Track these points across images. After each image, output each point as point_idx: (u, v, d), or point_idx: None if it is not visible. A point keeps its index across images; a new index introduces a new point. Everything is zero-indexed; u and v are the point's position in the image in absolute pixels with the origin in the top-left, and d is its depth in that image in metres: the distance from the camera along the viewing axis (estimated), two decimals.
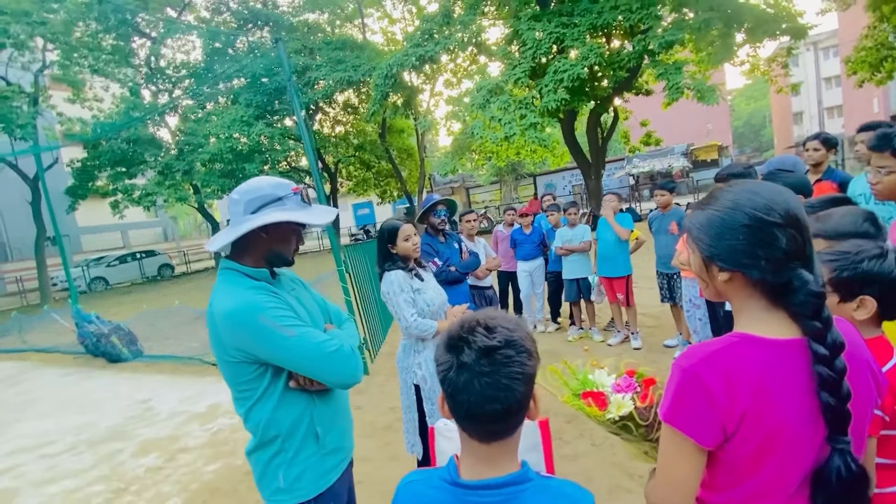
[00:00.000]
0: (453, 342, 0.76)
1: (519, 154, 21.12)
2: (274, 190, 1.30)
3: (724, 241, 0.82)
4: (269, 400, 1.28)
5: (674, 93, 10.98)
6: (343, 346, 1.28)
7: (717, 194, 0.88)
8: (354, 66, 17.34)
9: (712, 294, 0.91)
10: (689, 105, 15.66)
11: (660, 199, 4.18)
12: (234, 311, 1.20)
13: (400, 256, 2.39)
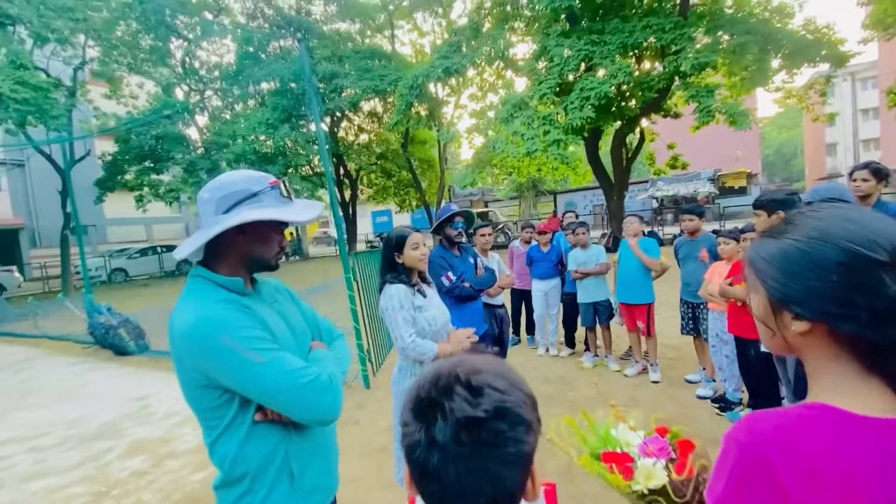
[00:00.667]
0: (423, 405, 0.56)
1: (540, 171, 20.92)
2: (248, 185, 1.12)
3: (807, 280, 0.62)
4: (236, 432, 1.09)
5: (704, 116, 10.69)
6: (320, 377, 1.08)
7: (796, 220, 0.67)
8: (381, 75, 17.50)
9: (778, 346, 0.70)
10: (718, 130, 15.28)
11: (688, 224, 3.91)
12: (193, 328, 1.03)
13: (405, 267, 2.21)
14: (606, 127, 14.13)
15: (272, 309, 1.21)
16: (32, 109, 11.89)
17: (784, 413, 0.64)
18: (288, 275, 15.83)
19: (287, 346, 1.15)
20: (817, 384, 0.67)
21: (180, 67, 19.73)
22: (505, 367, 0.61)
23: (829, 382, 0.65)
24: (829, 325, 0.62)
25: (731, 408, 3.45)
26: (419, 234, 2.25)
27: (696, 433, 3.09)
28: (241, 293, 1.15)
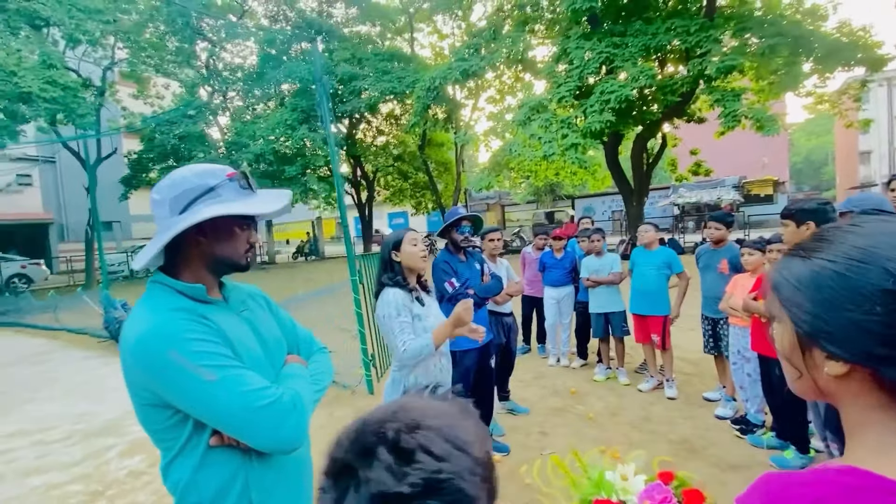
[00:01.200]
0: (337, 469, 0.45)
1: (558, 175, 20.62)
2: (203, 179, 1.02)
3: (844, 312, 0.49)
4: (190, 456, 0.98)
5: (730, 121, 10.33)
6: (281, 399, 0.96)
7: (831, 235, 0.54)
8: (399, 77, 17.52)
9: (807, 390, 0.56)
10: (744, 136, 14.78)
11: (714, 233, 3.68)
12: (139, 341, 0.93)
13: (403, 267, 2.11)
14: (627, 131, 13.82)
15: (240, 318, 1.11)
16: (61, 108, 12.25)
17: (811, 478, 0.50)
18: (300, 275, 15.96)
19: (253, 360, 1.04)
20: (856, 442, 0.53)
21: (204, 69, 20.14)
22: (458, 420, 0.48)
23: (873, 441, 0.51)
24: (872, 369, 0.48)
25: (752, 430, 3.23)
26: (416, 232, 2.18)
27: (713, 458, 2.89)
28: (203, 301, 1.04)
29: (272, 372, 1.10)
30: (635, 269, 4.21)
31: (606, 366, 4.62)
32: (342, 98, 18.38)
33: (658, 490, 0.81)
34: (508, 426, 3.63)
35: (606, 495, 0.83)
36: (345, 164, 23.62)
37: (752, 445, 3.10)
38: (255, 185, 1.09)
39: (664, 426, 3.47)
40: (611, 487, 0.83)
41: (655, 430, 3.41)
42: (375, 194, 23.82)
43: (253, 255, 1.15)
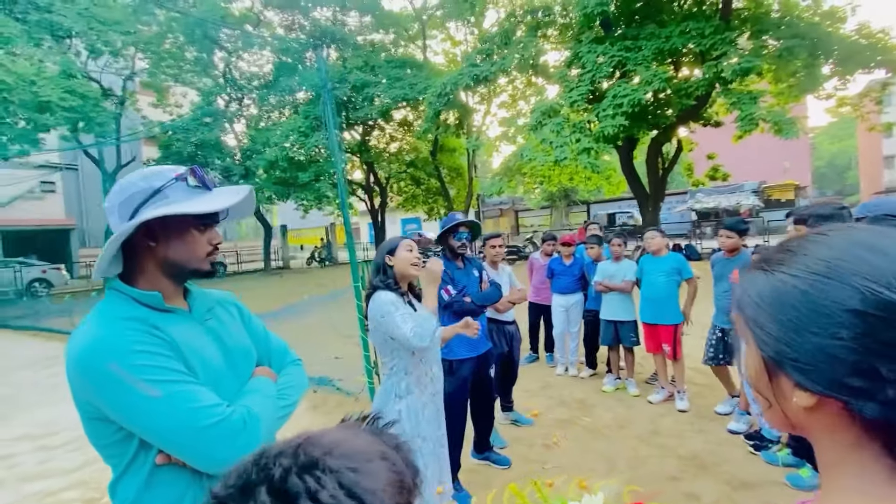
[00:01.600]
0: (215, 502, 0.39)
1: (572, 179, 20.44)
2: (148, 182, 0.96)
3: (808, 336, 0.42)
4: (136, 474, 0.92)
5: (747, 124, 10.08)
6: (230, 418, 0.90)
7: (795, 246, 0.47)
8: (412, 84, 17.61)
9: (779, 422, 0.49)
10: (764, 140, 14.44)
11: (726, 241, 3.51)
12: (80, 352, 0.87)
13: (395, 273, 2.07)
14: (641, 135, 13.61)
15: (203, 328, 1.04)
16: (80, 116, 12.59)
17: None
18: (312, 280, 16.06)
19: (212, 373, 0.98)
20: (831, 483, 0.46)
21: (221, 77, 20.56)
22: (368, 462, 0.41)
23: (848, 481, 0.44)
24: (846, 402, 0.41)
25: (767, 446, 3.06)
26: (411, 240, 2.15)
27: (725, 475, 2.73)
28: (159, 309, 0.97)
29: (237, 385, 1.04)
30: (644, 276, 4.07)
31: (616, 376, 4.47)
32: (355, 105, 18.54)
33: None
34: (511, 437, 3.52)
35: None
36: (358, 170, 23.82)
37: (767, 463, 2.94)
38: (210, 183, 1.02)
39: (674, 440, 3.31)
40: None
41: (664, 445, 3.26)
42: (388, 200, 23.93)
43: (214, 258, 1.06)
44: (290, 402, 1.12)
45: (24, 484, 3.28)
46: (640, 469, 2.96)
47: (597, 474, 2.91)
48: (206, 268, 1.04)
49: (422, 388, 2.05)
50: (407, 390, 1.98)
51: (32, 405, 5.06)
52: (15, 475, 3.43)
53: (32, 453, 3.80)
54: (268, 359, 1.19)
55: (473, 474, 3.03)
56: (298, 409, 3.68)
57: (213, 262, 1.06)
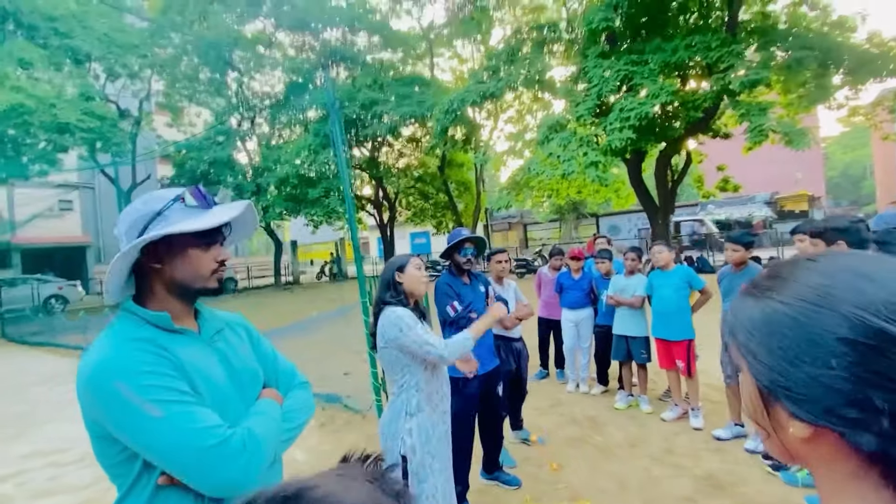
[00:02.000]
0: None
1: (581, 193, 20.40)
2: (149, 206, 1.00)
3: (800, 365, 0.42)
4: (140, 495, 0.93)
5: (756, 135, 10.00)
6: (230, 439, 0.90)
7: (784, 272, 0.47)
8: (420, 101, 17.86)
9: (776, 450, 0.48)
10: (776, 151, 14.32)
11: (732, 255, 3.45)
12: (89, 371, 0.90)
13: (405, 290, 2.07)
14: (649, 148, 13.58)
15: (211, 349, 1.06)
16: (97, 137, 12.96)
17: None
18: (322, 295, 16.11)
19: (218, 394, 0.99)
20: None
21: (234, 97, 21.06)
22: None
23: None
24: (841, 434, 0.40)
25: (786, 467, 2.96)
26: (421, 260, 2.18)
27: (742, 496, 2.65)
28: (168, 330, 1.00)
29: (242, 407, 1.05)
30: (654, 292, 4.01)
31: (628, 392, 4.38)
32: (364, 122, 18.82)
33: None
34: (521, 457, 3.45)
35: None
36: (368, 185, 24.05)
37: (786, 483, 2.84)
38: (211, 201, 1.05)
39: (688, 459, 3.22)
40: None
41: (678, 464, 3.17)
42: (397, 215, 24.08)
43: (220, 275, 1.08)
44: (295, 424, 1.13)
45: (35, 501, 3.29)
46: (654, 490, 2.88)
47: (608, 495, 2.83)
48: (212, 286, 1.06)
49: (433, 406, 2.03)
50: (418, 408, 1.96)
51: (45, 421, 5.10)
52: (26, 492, 3.44)
53: (43, 469, 3.81)
54: (275, 380, 1.19)
55: (483, 495, 2.97)
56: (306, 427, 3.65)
57: (221, 280, 1.07)
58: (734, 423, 3.51)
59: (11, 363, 8.65)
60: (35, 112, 11.53)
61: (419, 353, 1.92)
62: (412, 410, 1.98)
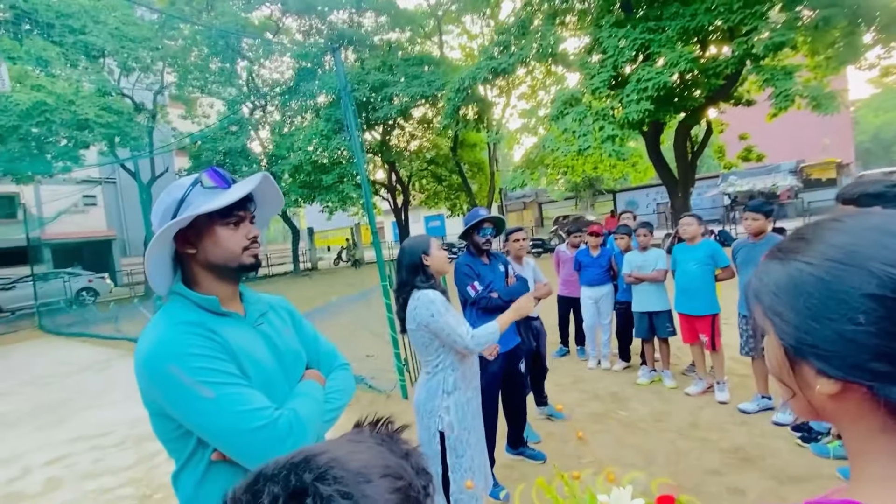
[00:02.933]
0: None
1: (597, 169, 20.00)
2: (172, 196, 1.03)
3: (827, 323, 0.43)
4: (194, 469, 0.98)
5: (782, 101, 9.60)
6: (277, 421, 0.94)
7: (808, 234, 0.48)
8: (430, 81, 17.60)
9: (804, 411, 0.50)
10: (801, 117, 13.74)
11: (751, 224, 3.34)
12: (145, 354, 0.94)
13: (432, 272, 2.07)
14: (668, 119, 13.17)
15: (256, 332, 1.09)
16: (116, 132, 13.17)
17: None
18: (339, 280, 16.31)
19: (264, 376, 1.03)
20: (859, 471, 0.46)
21: (245, 86, 21.10)
22: (366, 485, 0.39)
23: (877, 472, 0.44)
24: (870, 388, 0.42)
25: (816, 438, 2.93)
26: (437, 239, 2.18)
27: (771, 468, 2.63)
28: (216, 313, 1.03)
29: (287, 388, 1.09)
30: (678, 266, 3.94)
31: (651, 368, 4.36)
32: (374, 106, 18.68)
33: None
34: (545, 433, 3.49)
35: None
36: (380, 170, 24.03)
37: (817, 455, 2.81)
38: (230, 180, 1.06)
39: (714, 433, 3.21)
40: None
41: (705, 438, 3.16)
42: (411, 198, 24.05)
43: (254, 251, 1.09)
44: (337, 405, 1.15)
45: (83, 482, 3.48)
46: (680, 463, 2.89)
47: (634, 469, 2.85)
48: (247, 262, 1.07)
49: (467, 383, 2.07)
50: (454, 386, 2.00)
51: (86, 408, 5.35)
52: (73, 473, 3.64)
53: (87, 453, 4.02)
54: (317, 362, 1.23)
55: (509, 469, 3.02)
56: None
57: (256, 256, 1.09)
58: (761, 396, 3.47)
59: (49, 354, 9.05)
60: (55, 110, 11.76)
61: (446, 340, 1.94)
62: (449, 389, 2.01)
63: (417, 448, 0.47)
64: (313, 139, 17.17)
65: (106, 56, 15.10)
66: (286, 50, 20.65)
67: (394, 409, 4.23)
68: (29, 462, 3.95)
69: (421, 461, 0.46)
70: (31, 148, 12.81)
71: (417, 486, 0.43)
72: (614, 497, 0.72)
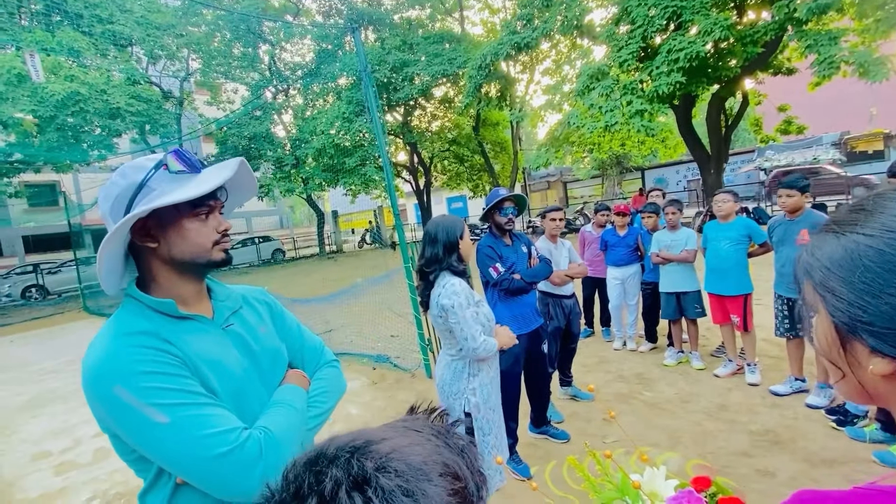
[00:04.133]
0: (270, 502, 0.39)
1: (624, 146, 19.41)
2: (129, 178, 0.87)
3: (885, 298, 0.41)
4: (162, 490, 0.88)
5: (826, 69, 9.01)
6: (244, 445, 0.82)
7: (868, 205, 0.45)
8: (451, 58, 17.29)
9: (854, 393, 0.48)
10: (846, 85, 12.93)
11: (786, 201, 3.16)
12: (89, 371, 0.81)
13: (461, 257, 2.07)
14: (700, 92, 12.57)
15: (224, 334, 0.96)
16: (146, 119, 13.53)
17: (852, 497, 0.42)
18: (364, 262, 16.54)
19: (236, 384, 0.92)
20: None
21: (267, 70, 21.23)
22: (426, 479, 0.38)
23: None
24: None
25: (852, 421, 2.83)
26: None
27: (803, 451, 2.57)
28: (175, 317, 0.90)
29: (265, 393, 0.98)
30: (708, 244, 3.80)
31: (678, 349, 4.28)
32: (395, 86, 18.52)
33: (689, 498, 0.68)
34: (569, 413, 3.49)
35: (632, 501, 0.71)
36: (402, 151, 23.96)
37: (852, 439, 2.72)
38: (197, 164, 0.92)
39: (744, 415, 3.15)
40: (636, 494, 0.71)
41: (734, 420, 3.10)
42: (433, 179, 23.96)
43: (224, 244, 0.96)
44: (322, 409, 1.03)
45: (99, 461, 3.67)
46: (708, 444, 2.85)
47: (660, 449, 2.83)
48: (217, 258, 0.94)
49: (490, 364, 2.09)
50: (479, 368, 2.02)
51: None
52: (90, 453, 3.85)
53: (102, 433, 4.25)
54: (301, 359, 1.11)
55: (533, 448, 3.05)
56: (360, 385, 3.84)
57: (226, 251, 0.97)
58: (794, 379, 3.37)
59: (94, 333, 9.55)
60: (88, 99, 12.17)
61: (458, 335, 1.94)
62: (475, 371, 2.03)
63: (472, 443, 0.46)
64: (335, 122, 17.23)
65: (133, 45, 15.43)
66: (306, 32, 20.59)
67: (419, 387, 4.30)
68: (79, 434, 4.22)
69: (476, 460, 0.45)
70: (68, 137, 13.33)
71: (472, 488, 0.42)
72: (648, 477, 0.71)
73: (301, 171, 19.00)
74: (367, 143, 18.85)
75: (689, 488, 0.70)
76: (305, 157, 18.62)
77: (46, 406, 5.16)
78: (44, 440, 4.20)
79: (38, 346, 8.83)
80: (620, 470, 0.75)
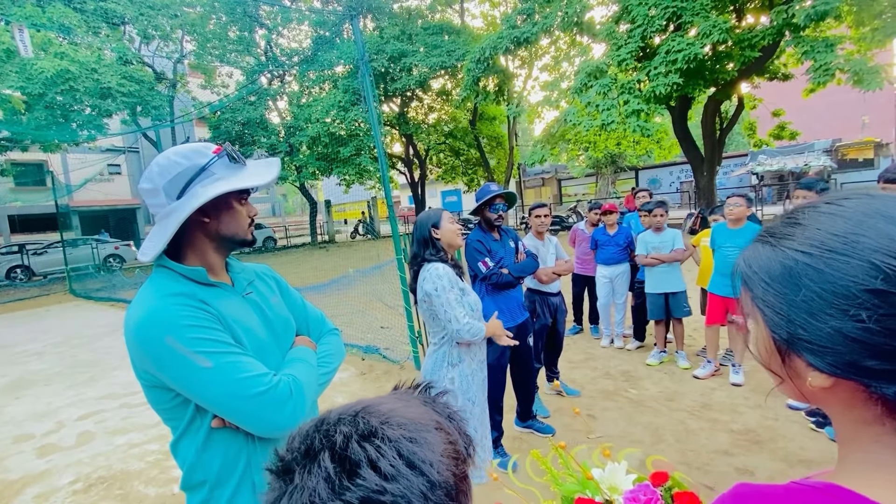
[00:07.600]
0: (281, 467, 0.41)
1: (619, 145, 19.47)
2: (192, 160, 1.00)
3: (823, 317, 0.40)
4: (195, 436, 0.99)
5: (821, 76, 9.10)
6: (277, 386, 0.95)
7: (803, 219, 0.44)
8: (449, 50, 17.18)
9: (793, 395, 0.48)
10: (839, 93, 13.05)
11: (803, 204, 3.17)
12: (137, 327, 0.93)
13: (443, 245, 2.08)
14: (697, 94, 12.64)
15: (245, 301, 1.09)
16: (137, 100, 13.29)
17: (786, 495, 0.44)
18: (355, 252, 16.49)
19: (257, 344, 1.04)
20: (846, 456, 0.46)
21: (263, 55, 20.94)
22: (424, 432, 0.42)
23: (863, 458, 0.44)
24: (865, 385, 0.40)
25: (831, 423, 2.89)
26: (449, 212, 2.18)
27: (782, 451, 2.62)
28: (205, 284, 1.03)
29: (279, 355, 1.10)
30: (718, 251, 3.73)
31: (661, 349, 4.33)
32: (393, 76, 18.38)
33: (645, 491, 0.70)
34: (555, 408, 3.53)
35: (591, 494, 0.73)
36: (397, 143, 23.83)
37: (831, 440, 2.78)
38: (241, 158, 1.07)
39: (726, 414, 3.20)
40: (596, 486, 0.73)
41: (715, 419, 3.16)
42: (428, 172, 23.88)
43: (253, 228, 1.13)
44: (329, 369, 1.17)
45: (113, 437, 3.68)
46: (689, 442, 2.90)
47: (643, 446, 2.87)
48: (251, 238, 1.12)
49: (472, 356, 2.10)
50: (459, 358, 2.03)
51: (115, 368, 5.61)
52: (104, 429, 3.85)
53: (117, 410, 4.24)
54: (306, 328, 1.25)
55: (518, 441, 3.08)
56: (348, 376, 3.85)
57: (252, 233, 1.13)
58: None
59: (80, 316, 9.46)
60: (79, 78, 11.91)
61: (442, 318, 1.95)
62: (454, 361, 2.04)
63: (458, 412, 0.49)
64: (331, 110, 17.07)
65: (126, 23, 15.12)
66: (304, 17, 20.31)
67: (408, 377, 4.31)
68: (63, 417, 4.19)
69: (462, 424, 0.48)
70: (57, 116, 13.06)
71: (462, 445, 0.45)
72: (609, 471, 0.73)
73: (295, 159, 18.83)
74: (362, 133, 18.71)
75: (646, 482, 0.71)
76: (300, 144, 18.45)
77: (29, 388, 5.10)
78: (26, 422, 4.16)
79: (22, 328, 8.71)
80: (583, 465, 0.76)
